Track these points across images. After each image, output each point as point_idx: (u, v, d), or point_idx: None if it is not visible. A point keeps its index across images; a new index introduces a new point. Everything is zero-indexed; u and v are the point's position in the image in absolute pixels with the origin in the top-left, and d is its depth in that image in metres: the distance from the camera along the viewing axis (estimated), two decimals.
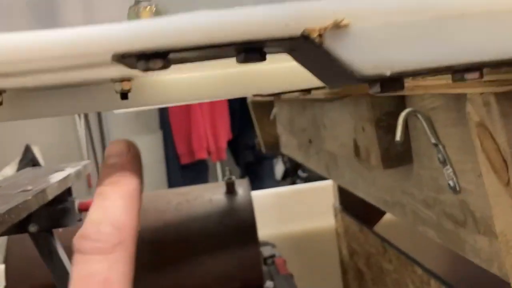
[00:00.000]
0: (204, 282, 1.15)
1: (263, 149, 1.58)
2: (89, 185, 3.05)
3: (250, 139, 2.64)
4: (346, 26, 0.21)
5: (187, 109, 2.64)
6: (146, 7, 0.22)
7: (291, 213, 1.66)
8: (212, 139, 2.66)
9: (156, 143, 3.11)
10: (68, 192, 0.85)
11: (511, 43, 0.22)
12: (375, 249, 1.27)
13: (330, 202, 1.53)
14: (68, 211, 0.84)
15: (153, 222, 1.15)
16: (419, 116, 0.54)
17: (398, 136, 0.54)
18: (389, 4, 0.21)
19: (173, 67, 0.41)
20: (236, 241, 1.20)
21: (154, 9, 0.22)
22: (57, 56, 0.20)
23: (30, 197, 0.62)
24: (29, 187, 0.69)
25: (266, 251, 1.42)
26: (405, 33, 0.21)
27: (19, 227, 0.79)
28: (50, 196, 0.69)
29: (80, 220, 0.89)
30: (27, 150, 2.65)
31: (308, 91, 0.67)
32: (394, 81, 0.23)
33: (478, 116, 0.32)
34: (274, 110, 1.40)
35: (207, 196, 1.27)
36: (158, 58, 0.22)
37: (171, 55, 0.22)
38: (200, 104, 2.58)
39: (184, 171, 2.70)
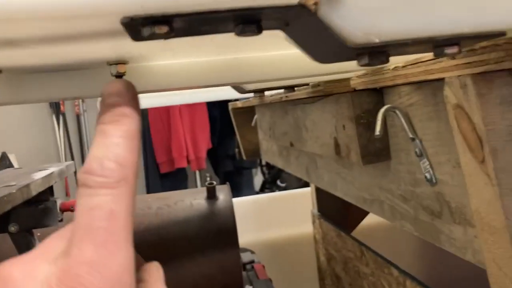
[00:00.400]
0: (185, 286, 1.15)
1: (244, 156, 1.59)
2: (67, 194, 3.01)
3: (229, 149, 2.66)
4: None
5: (167, 118, 2.64)
6: None
7: (270, 220, 1.68)
8: (191, 148, 2.66)
9: None
10: (50, 191, 0.85)
11: (487, 16, 0.24)
12: (352, 254, 1.29)
13: (308, 209, 1.55)
14: (49, 211, 0.84)
15: (134, 226, 1.15)
16: (397, 112, 0.57)
17: (378, 130, 0.56)
18: None
19: (168, 53, 0.42)
20: (216, 245, 1.20)
21: None
22: (70, 15, 0.21)
23: (14, 191, 0.62)
24: (13, 183, 0.69)
25: (245, 257, 1.42)
26: (393, 3, 0.23)
27: None
28: (34, 191, 0.69)
29: (61, 220, 0.89)
30: (3, 157, 2.60)
31: (292, 88, 0.69)
32: (380, 53, 0.25)
33: (456, 98, 0.34)
34: (256, 117, 1.42)
35: (188, 201, 1.28)
36: (163, 24, 0.23)
37: (175, 23, 0.23)
38: (180, 113, 2.59)
39: (164, 179, 2.69)
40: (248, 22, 0.25)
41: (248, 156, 1.54)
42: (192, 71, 0.41)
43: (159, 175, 2.68)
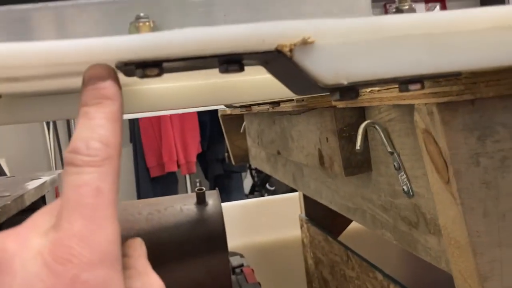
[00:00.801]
0: None
1: (233, 161, 1.61)
2: (57, 196, 3.00)
3: (219, 153, 2.68)
4: (312, 42, 0.26)
5: (157, 123, 2.66)
6: (145, 22, 0.26)
7: (258, 224, 1.70)
8: (182, 153, 2.69)
9: (126, 156, 3.11)
10: (42, 200, 0.87)
11: (444, 59, 0.27)
12: (339, 258, 1.32)
13: (297, 213, 1.58)
14: None
15: (124, 231, 1.17)
16: (377, 127, 0.60)
17: (358, 145, 0.59)
18: (347, 25, 0.26)
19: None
20: (206, 250, 1.22)
21: (152, 25, 0.26)
22: (72, 62, 0.24)
23: (9, 202, 0.64)
24: (7, 193, 0.71)
25: (234, 261, 1.45)
26: (359, 49, 0.26)
27: None
28: (28, 201, 0.71)
29: None
30: None
31: (277, 103, 0.71)
32: (350, 90, 0.27)
33: (424, 124, 0.37)
34: (244, 124, 1.45)
35: (178, 206, 1.30)
36: (154, 66, 0.26)
37: (165, 65, 0.26)
38: (171, 118, 2.61)
39: (154, 183, 2.71)
40: (231, 62, 0.27)
41: (237, 161, 1.57)
42: (182, 94, 0.43)
43: (150, 179, 2.69)
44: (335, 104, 0.57)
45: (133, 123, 2.67)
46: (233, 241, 1.65)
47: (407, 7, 0.31)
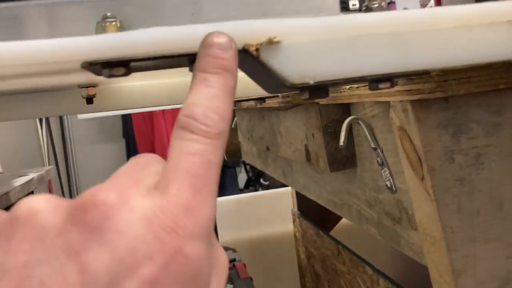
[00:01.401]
0: None
1: (225, 157, 1.62)
2: (50, 191, 3.01)
3: None
4: (278, 42, 0.26)
5: (150, 118, 2.66)
6: (112, 22, 0.26)
7: (251, 218, 1.71)
8: None
9: (119, 151, 3.11)
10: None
11: (411, 58, 0.27)
12: (330, 252, 1.32)
13: (289, 208, 1.58)
14: None
15: None
16: (361, 123, 0.60)
17: (342, 141, 0.59)
18: (313, 24, 0.26)
19: (136, 74, 0.44)
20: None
21: (119, 24, 0.26)
22: (37, 62, 0.24)
23: None
24: None
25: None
26: (326, 48, 0.26)
27: None
28: (14, 199, 0.71)
29: None
30: None
31: (263, 99, 0.71)
32: (320, 89, 0.28)
33: (399, 121, 0.37)
34: (235, 119, 1.45)
35: None
36: (120, 66, 0.26)
37: (132, 64, 0.26)
38: (163, 113, 2.61)
39: None
40: None
41: (229, 157, 1.57)
42: (159, 92, 0.43)
43: None
44: (315, 101, 0.57)
45: (126, 118, 2.67)
46: (226, 236, 1.66)
47: (376, 5, 0.32)
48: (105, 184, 0.25)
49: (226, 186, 2.83)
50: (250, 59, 0.27)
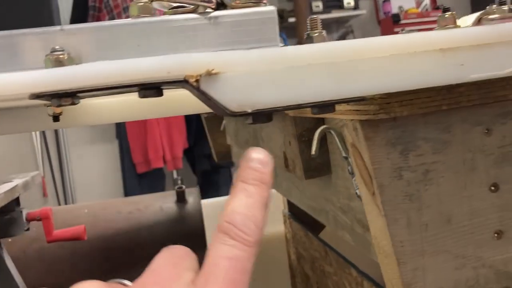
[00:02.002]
0: None
1: (215, 159, 1.63)
2: (45, 194, 3.03)
3: (206, 148, 2.69)
4: (216, 74, 0.27)
5: (143, 119, 2.65)
6: (59, 55, 0.28)
7: None
8: (168, 149, 2.70)
9: (112, 152, 3.12)
10: (16, 202, 0.88)
11: (346, 86, 0.29)
12: (318, 253, 1.34)
13: (280, 209, 1.59)
14: (15, 221, 0.87)
15: (103, 230, 1.18)
16: (332, 132, 0.61)
17: (313, 150, 0.61)
18: (250, 56, 0.28)
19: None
20: (185, 247, 1.24)
21: (67, 57, 0.28)
22: None
23: None
24: None
25: None
26: (263, 79, 0.28)
27: None
28: None
29: (28, 229, 0.92)
30: None
31: None
32: (263, 115, 0.29)
33: (351, 138, 0.39)
34: (224, 122, 1.46)
35: (158, 205, 1.31)
36: (68, 97, 0.27)
37: (79, 94, 0.28)
38: None
39: (141, 179, 2.72)
40: (149, 88, 0.29)
41: (219, 158, 1.58)
42: (125, 107, 0.45)
43: (136, 175, 2.71)
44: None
45: None
46: None
47: (316, 34, 0.33)
48: (149, 278, 0.28)
49: (220, 186, 2.84)
50: (192, 89, 0.28)
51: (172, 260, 0.30)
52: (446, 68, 0.30)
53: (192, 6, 0.29)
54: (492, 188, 0.39)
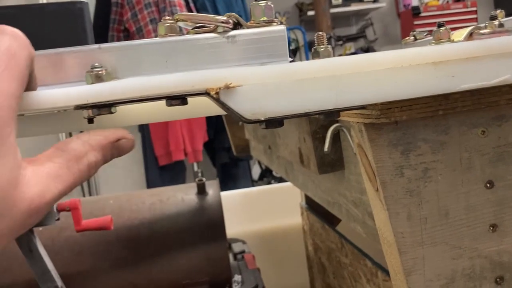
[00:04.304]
0: (176, 276, 1.24)
1: (234, 152, 1.68)
2: None
3: (225, 142, 2.75)
4: (233, 87, 0.31)
5: None
6: (98, 71, 0.32)
7: (261, 211, 1.77)
8: (188, 141, 2.76)
9: (135, 144, 3.19)
10: None
11: (347, 96, 0.33)
12: (334, 245, 1.38)
13: (298, 201, 1.63)
14: (47, 211, 0.92)
15: (128, 221, 1.24)
16: (345, 130, 0.65)
17: (326, 147, 0.64)
18: (262, 71, 0.32)
19: None
20: (205, 238, 1.29)
21: (105, 73, 0.32)
22: (40, 108, 0.30)
23: None
24: None
25: (236, 247, 1.51)
26: (273, 91, 0.32)
27: None
28: None
29: (58, 219, 0.98)
30: None
31: None
32: (274, 122, 0.33)
33: (357, 139, 0.43)
34: None
35: (179, 196, 1.36)
36: (105, 107, 0.32)
37: (117, 105, 0.32)
38: None
39: (162, 172, 2.79)
40: (175, 99, 0.33)
41: (238, 152, 1.63)
42: (153, 110, 0.49)
43: (158, 167, 2.78)
44: None
45: None
46: (236, 228, 1.73)
47: (323, 49, 0.37)
48: None
49: (239, 178, 2.90)
50: (213, 100, 0.32)
51: None
52: (438, 79, 0.33)
53: (212, 26, 0.34)
54: (488, 185, 0.43)
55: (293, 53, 3.31)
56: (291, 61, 0.33)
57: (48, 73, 0.33)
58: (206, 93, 0.32)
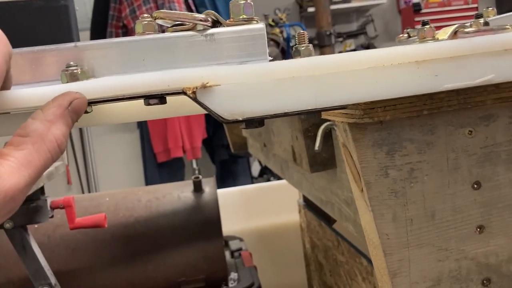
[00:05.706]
0: (171, 274, 1.24)
1: (232, 149, 1.67)
2: (69, 182, 3.13)
3: (224, 138, 2.74)
4: (210, 86, 0.31)
5: None
6: (74, 70, 0.31)
7: (259, 209, 1.76)
8: (187, 138, 2.75)
9: (133, 141, 3.20)
10: (40, 191, 0.93)
11: (327, 96, 0.32)
12: (331, 243, 1.37)
13: (295, 199, 1.62)
14: (40, 209, 0.93)
15: (124, 218, 1.24)
16: (335, 128, 0.64)
17: (317, 145, 0.64)
18: (240, 71, 0.31)
19: None
20: (201, 235, 1.28)
21: (80, 71, 0.32)
22: (23, 107, 0.29)
23: None
24: None
25: (234, 245, 1.50)
26: (252, 91, 0.31)
27: None
28: None
29: (52, 216, 0.98)
30: None
31: None
32: (254, 121, 0.33)
33: (342, 139, 0.42)
34: None
35: (175, 194, 1.36)
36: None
37: (93, 104, 0.31)
38: None
39: (161, 168, 2.79)
40: (152, 98, 0.33)
41: (235, 149, 1.62)
42: (145, 108, 0.49)
43: (157, 164, 2.78)
44: None
45: None
46: (234, 226, 1.72)
47: (303, 48, 0.36)
48: None
49: (238, 175, 2.89)
50: (190, 100, 0.32)
51: None
52: (421, 79, 0.33)
53: (190, 24, 0.33)
54: (475, 186, 0.42)
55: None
56: (271, 60, 0.33)
57: (24, 71, 0.32)
58: (183, 93, 0.31)
